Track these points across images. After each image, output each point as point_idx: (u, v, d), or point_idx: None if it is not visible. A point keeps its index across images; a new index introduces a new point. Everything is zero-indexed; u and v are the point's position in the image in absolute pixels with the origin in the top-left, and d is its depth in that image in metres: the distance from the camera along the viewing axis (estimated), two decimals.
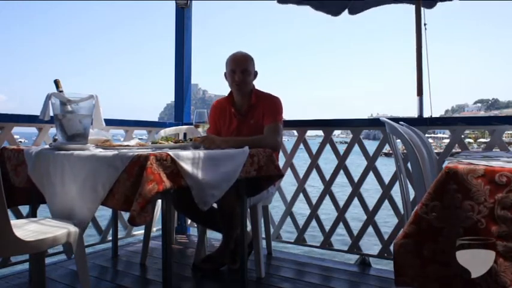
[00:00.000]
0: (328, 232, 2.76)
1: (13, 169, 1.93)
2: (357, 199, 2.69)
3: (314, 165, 2.81)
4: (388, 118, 1.67)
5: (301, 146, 2.90)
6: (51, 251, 2.43)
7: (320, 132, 2.83)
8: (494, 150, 2.26)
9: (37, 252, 1.74)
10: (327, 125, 2.78)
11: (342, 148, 2.80)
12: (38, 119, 1.98)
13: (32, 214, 2.11)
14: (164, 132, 2.87)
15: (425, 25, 2.76)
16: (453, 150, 2.46)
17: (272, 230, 2.86)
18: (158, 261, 2.56)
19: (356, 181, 2.67)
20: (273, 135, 2.34)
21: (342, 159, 2.72)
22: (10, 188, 1.93)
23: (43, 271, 1.98)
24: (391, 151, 1.74)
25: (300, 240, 2.86)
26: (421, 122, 2.55)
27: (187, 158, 1.62)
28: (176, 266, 2.46)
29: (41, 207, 2.13)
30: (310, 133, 2.95)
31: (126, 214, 2.85)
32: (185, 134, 2.87)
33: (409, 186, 1.80)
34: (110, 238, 2.80)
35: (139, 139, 2.82)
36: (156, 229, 3.08)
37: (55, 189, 1.72)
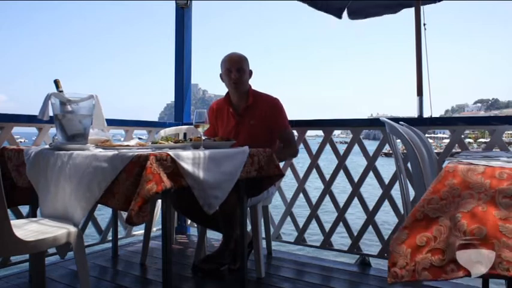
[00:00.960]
0: (328, 232, 2.76)
1: (15, 169, 1.93)
2: (357, 199, 2.69)
3: (314, 165, 2.81)
4: (388, 118, 1.67)
5: (301, 146, 2.91)
6: (51, 251, 2.43)
7: (320, 132, 2.83)
8: (494, 150, 2.26)
9: (37, 252, 1.74)
10: (327, 125, 2.79)
11: (342, 148, 2.80)
12: (38, 119, 1.98)
13: (32, 214, 2.11)
14: (164, 132, 2.87)
15: (424, 25, 2.76)
16: (453, 150, 2.46)
17: (272, 230, 2.86)
18: (158, 261, 2.56)
19: (356, 181, 2.67)
20: (293, 143, 2.52)
21: (342, 159, 2.72)
22: (10, 188, 1.93)
23: (43, 271, 1.98)
24: (391, 151, 1.74)
25: (300, 240, 2.86)
26: (421, 122, 2.55)
27: (187, 158, 1.62)
28: (176, 266, 2.46)
29: None
30: (310, 133, 2.96)
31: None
32: (185, 134, 2.87)
33: (409, 186, 1.80)
34: (110, 238, 2.80)
35: (139, 139, 2.82)
36: (156, 229, 3.08)
37: (49, 188, 1.71)
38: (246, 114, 2.48)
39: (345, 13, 3.17)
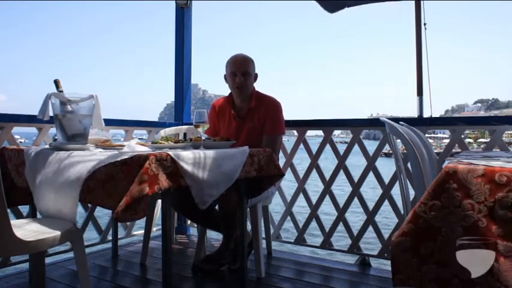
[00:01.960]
0: (328, 232, 2.76)
1: (15, 169, 1.93)
2: (357, 199, 2.69)
3: (314, 165, 2.81)
4: (388, 118, 1.67)
5: (301, 146, 2.91)
6: (51, 251, 2.43)
7: (320, 132, 2.83)
8: (494, 150, 2.26)
9: (37, 252, 1.74)
10: (327, 125, 2.78)
11: (342, 148, 2.80)
12: (38, 119, 1.98)
13: (32, 214, 2.11)
14: (164, 132, 2.87)
15: (425, 25, 2.76)
16: (453, 150, 2.46)
17: (272, 230, 2.86)
18: (158, 261, 2.55)
19: (356, 181, 2.67)
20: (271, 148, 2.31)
21: (342, 159, 2.72)
22: (10, 188, 1.93)
23: (43, 271, 1.98)
24: (391, 151, 1.74)
25: (300, 240, 2.86)
26: (421, 122, 2.55)
27: (187, 158, 1.62)
28: (176, 266, 2.46)
29: None
30: (310, 133, 2.95)
31: None
32: (185, 134, 2.87)
33: (409, 186, 1.80)
34: (110, 238, 2.80)
35: (139, 139, 2.82)
36: (156, 229, 3.08)
37: (48, 188, 1.70)
38: (248, 117, 2.46)
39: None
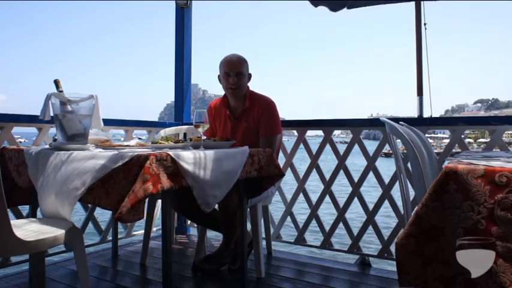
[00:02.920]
0: (328, 232, 2.76)
1: (15, 169, 1.93)
2: (357, 199, 2.69)
3: (314, 165, 2.81)
4: (388, 118, 1.67)
5: (301, 146, 2.91)
6: (51, 251, 2.43)
7: (320, 132, 2.83)
8: (494, 150, 2.26)
9: (37, 252, 1.74)
10: (327, 125, 2.78)
11: (342, 148, 2.80)
12: (38, 119, 1.98)
13: (32, 214, 2.11)
14: (164, 132, 2.87)
15: (425, 25, 2.76)
16: (453, 150, 2.46)
17: (272, 230, 2.86)
18: (158, 261, 2.55)
19: (356, 181, 2.67)
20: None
21: (342, 159, 2.72)
22: (10, 188, 1.93)
23: (43, 271, 1.98)
24: (391, 151, 1.74)
25: (300, 240, 2.86)
26: (421, 122, 2.55)
27: (187, 158, 1.62)
28: (176, 266, 2.46)
29: None
30: (310, 133, 2.95)
31: None
32: (185, 134, 2.87)
33: (409, 186, 1.80)
34: (110, 238, 2.80)
35: (139, 139, 2.82)
36: (156, 229, 3.08)
37: (48, 188, 1.71)
38: (242, 117, 2.47)
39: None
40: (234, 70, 2.39)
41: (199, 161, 1.67)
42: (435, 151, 2.29)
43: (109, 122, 2.80)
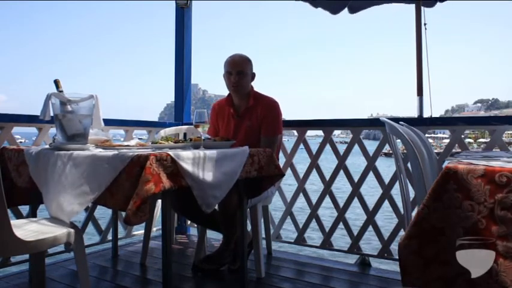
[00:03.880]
0: (328, 232, 2.76)
1: (15, 169, 1.93)
2: (357, 199, 2.68)
3: (314, 165, 2.81)
4: (388, 118, 1.67)
5: (301, 146, 2.91)
6: (51, 251, 2.43)
7: (320, 132, 2.83)
8: (494, 150, 2.26)
9: (37, 252, 1.73)
10: (327, 125, 2.78)
11: (342, 148, 2.80)
12: (38, 119, 1.98)
13: (32, 214, 2.11)
14: (164, 132, 2.87)
15: (425, 25, 2.76)
16: (453, 150, 2.46)
17: (272, 230, 2.86)
18: (158, 261, 2.55)
19: (356, 181, 2.67)
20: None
21: (342, 159, 2.72)
22: (10, 188, 1.93)
23: (43, 271, 1.97)
24: (391, 151, 1.74)
25: (300, 240, 2.86)
26: (421, 122, 2.55)
27: (187, 158, 1.62)
28: (176, 266, 2.46)
29: (41, 207, 2.13)
30: (310, 133, 2.95)
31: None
32: (185, 134, 2.87)
33: (409, 186, 1.80)
34: (110, 238, 2.80)
35: (139, 139, 2.82)
36: (156, 229, 3.08)
37: (49, 188, 1.71)
38: (246, 115, 2.48)
39: (345, 9, 3.13)
40: (236, 69, 2.43)
41: (199, 161, 1.67)
42: (435, 151, 2.29)
43: (109, 122, 2.80)
